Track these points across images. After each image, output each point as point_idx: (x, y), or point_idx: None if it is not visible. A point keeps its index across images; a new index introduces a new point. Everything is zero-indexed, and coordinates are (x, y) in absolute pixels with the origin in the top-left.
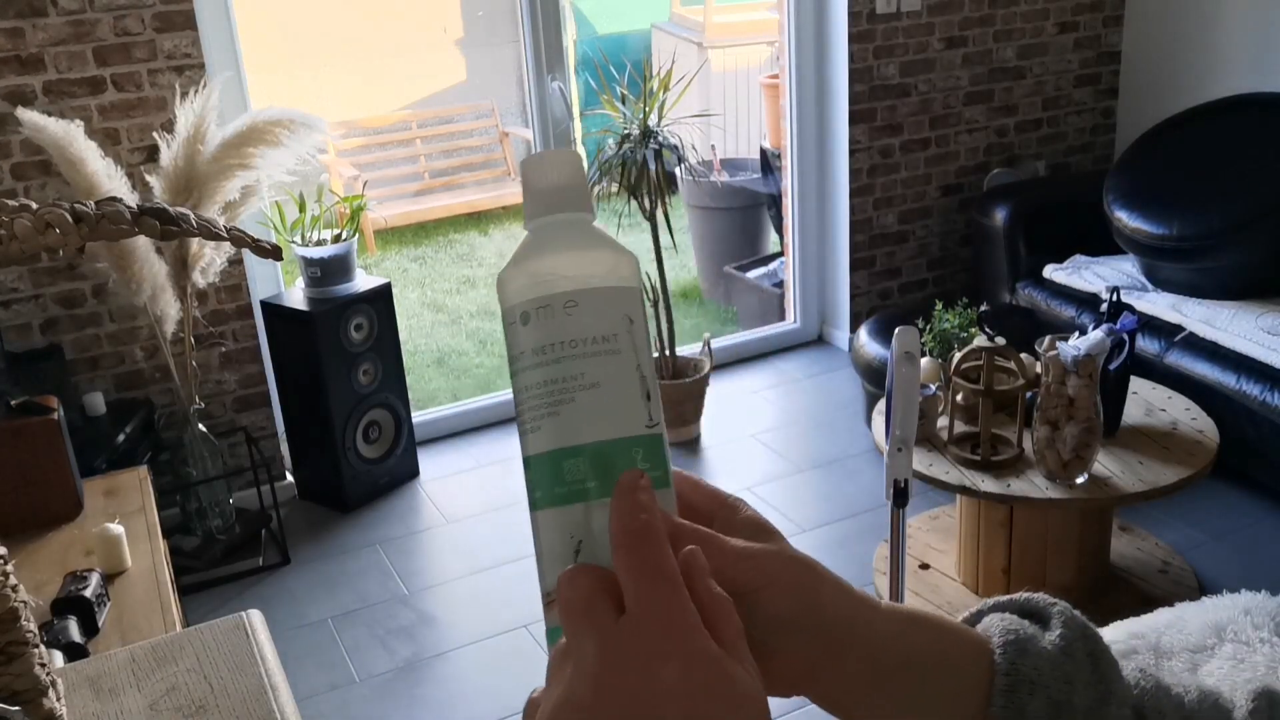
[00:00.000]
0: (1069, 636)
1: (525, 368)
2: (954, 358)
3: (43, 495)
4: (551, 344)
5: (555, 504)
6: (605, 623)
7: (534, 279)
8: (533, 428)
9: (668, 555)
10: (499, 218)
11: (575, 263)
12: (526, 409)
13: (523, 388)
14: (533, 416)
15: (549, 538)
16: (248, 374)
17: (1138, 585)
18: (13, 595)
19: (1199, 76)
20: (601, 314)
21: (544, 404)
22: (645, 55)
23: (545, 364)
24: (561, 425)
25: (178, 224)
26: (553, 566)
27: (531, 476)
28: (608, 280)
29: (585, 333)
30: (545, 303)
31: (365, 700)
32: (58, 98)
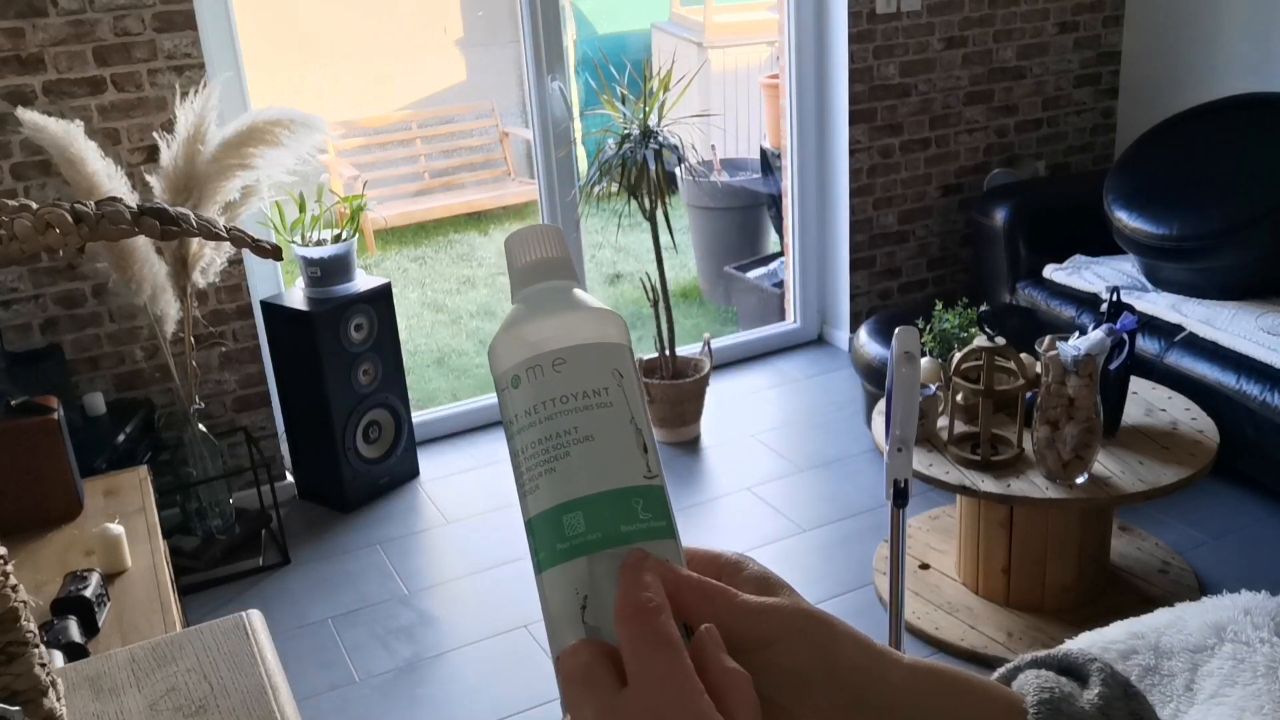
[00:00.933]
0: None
1: (520, 429)
2: (954, 358)
3: (43, 495)
4: (543, 402)
5: (558, 561)
6: (605, 693)
7: (522, 343)
8: (531, 488)
9: (670, 625)
10: (499, 218)
11: (561, 324)
12: (525, 471)
13: (519, 450)
14: (530, 477)
15: (555, 597)
16: (248, 374)
17: (1138, 585)
18: (13, 595)
19: (1199, 76)
20: (591, 369)
21: (540, 462)
22: (645, 55)
23: (538, 422)
24: (559, 481)
25: (178, 224)
26: (560, 627)
27: (534, 539)
28: (594, 337)
29: (575, 387)
30: (534, 363)
31: (365, 700)
32: (58, 98)
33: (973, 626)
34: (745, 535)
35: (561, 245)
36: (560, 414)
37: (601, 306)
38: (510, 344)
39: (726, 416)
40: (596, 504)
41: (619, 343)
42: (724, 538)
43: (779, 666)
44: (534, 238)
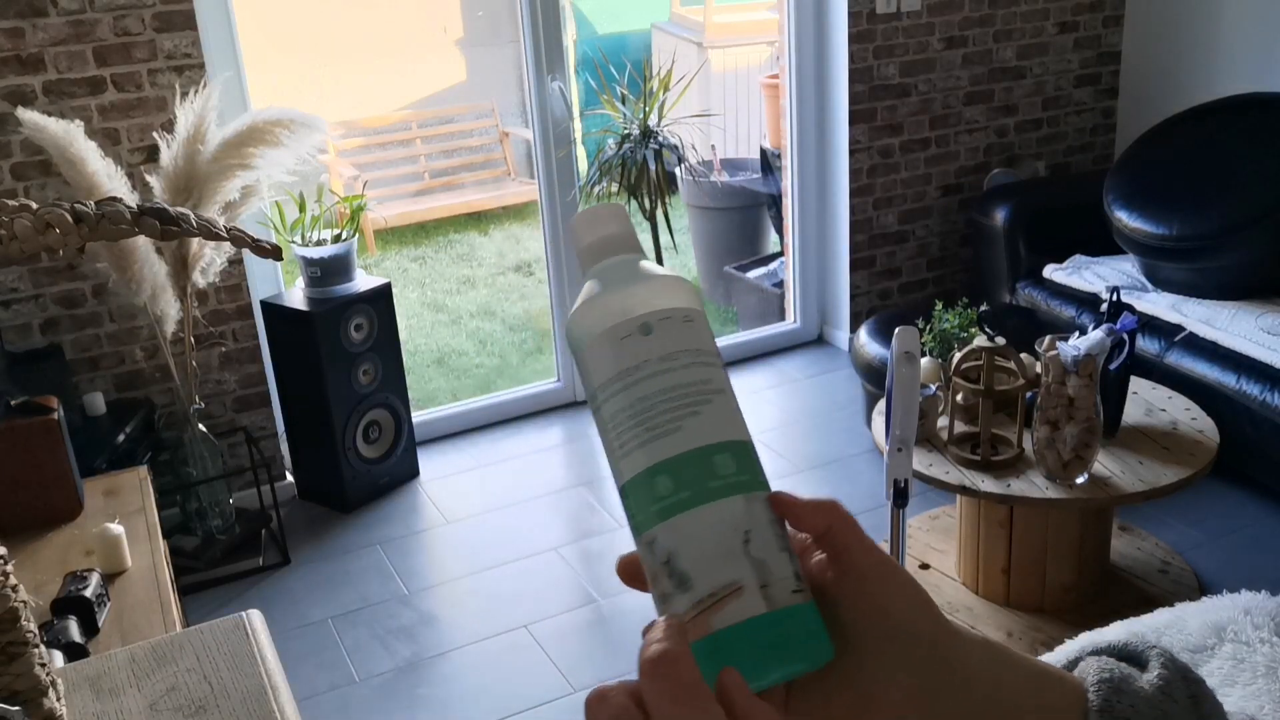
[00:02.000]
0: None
1: (646, 376)
2: (954, 358)
3: (43, 495)
4: (679, 351)
5: (709, 500)
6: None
7: (640, 299)
8: (666, 431)
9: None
10: (499, 218)
11: (672, 288)
12: (653, 415)
13: (643, 397)
14: (664, 421)
15: (709, 536)
16: (248, 374)
17: (1138, 585)
18: (13, 595)
19: (1199, 76)
20: (706, 331)
21: (679, 406)
22: (645, 55)
23: (674, 369)
24: (705, 424)
25: (178, 224)
26: (718, 562)
27: (667, 481)
28: (700, 304)
29: (703, 344)
30: (668, 315)
31: (365, 700)
32: (58, 98)
33: (973, 626)
34: None
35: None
36: (695, 365)
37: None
38: (625, 299)
39: None
40: (742, 449)
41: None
42: None
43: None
44: (610, 215)
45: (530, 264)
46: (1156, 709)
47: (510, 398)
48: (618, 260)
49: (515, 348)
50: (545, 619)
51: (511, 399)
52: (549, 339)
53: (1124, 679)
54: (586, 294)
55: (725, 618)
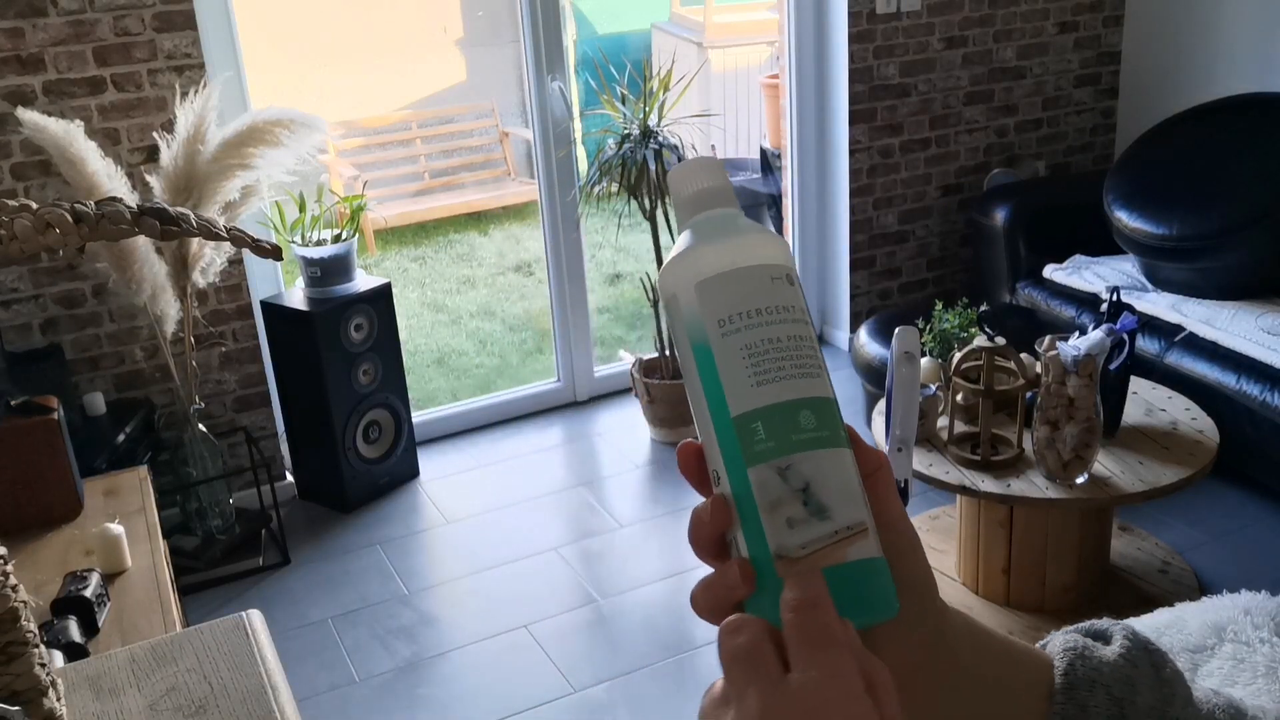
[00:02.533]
0: (1130, 648)
1: (798, 319)
2: (954, 358)
3: (43, 495)
4: (791, 305)
5: (837, 445)
6: (772, 675)
7: (778, 250)
8: (814, 372)
9: (841, 623)
10: (499, 218)
11: (778, 244)
12: (804, 355)
13: (797, 335)
14: (811, 363)
15: (841, 476)
16: (248, 374)
17: (1138, 585)
18: (13, 595)
19: (1199, 76)
20: (800, 290)
21: (805, 355)
22: (645, 55)
23: (797, 321)
24: (802, 379)
25: (178, 224)
26: (848, 502)
27: (815, 416)
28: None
29: (802, 303)
30: (784, 271)
31: (365, 700)
32: (58, 98)
33: None
34: None
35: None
36: (803, 321)
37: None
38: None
39: None
40: (825, 406)
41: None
42: None
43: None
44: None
45: (530, 264)
46: (1119, 671)
47: (510, 398)
48: (729, 213)
49: (515, 348)
50: (545, 619)
51: (511, 399)
52: (549, 339)
53: (1087, 648)
54: (702, 236)
55: (852, 553)
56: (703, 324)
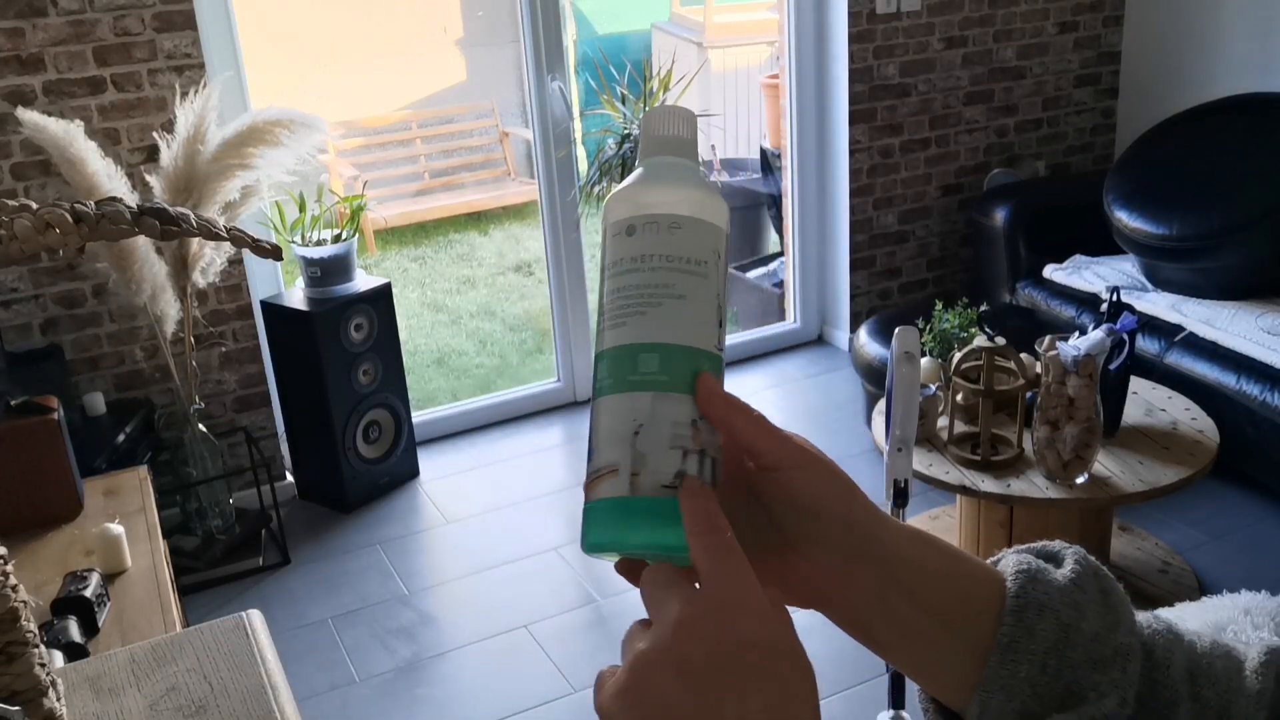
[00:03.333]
0: (1080, 572)
1: (621, 272)
2: (954, 358)
3: (43, 495)
4: (651, 254)
5: (624, 390)
6: (687, 588)
7: (643, 201)
8: (616, 324)
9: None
10: (499, 218)
11: (683, 196)
12: (614, 308)
13: (614, 290)
14: (619, 314)
15: (611, 421)
16: (248, 374)
17: (1138, 585)
18: (13, 595)
19: (1199, 76)
20: (698, 241)
21: (633, 304)
22: (645, 55)
23: (641, 270)
24: (646, 324)
25: (178, 224)
26: (609, 445)
27: (604, 367)
28: (705, 216)
29: (682, 252)
30: (653, 220)
31: (365, 700)
32: (58, 98)
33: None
34: None
35: (692, 128)
36: (662, 269)
37: (714, 189)
38: (632, 197)
39: None
40: (672, 352)
41: (722, 228)
42: None
43: (800, 491)
44: (670, 115)
45: (530, 264)
46: (1068, 596)
47: (510, 398)
48: (660, 161)
49: (515, 348)
50: (545, 619)
51: (511, 399)
52: (549, 339)
53: (1040, 570)
54: (626, 181)
55: (600, 490)
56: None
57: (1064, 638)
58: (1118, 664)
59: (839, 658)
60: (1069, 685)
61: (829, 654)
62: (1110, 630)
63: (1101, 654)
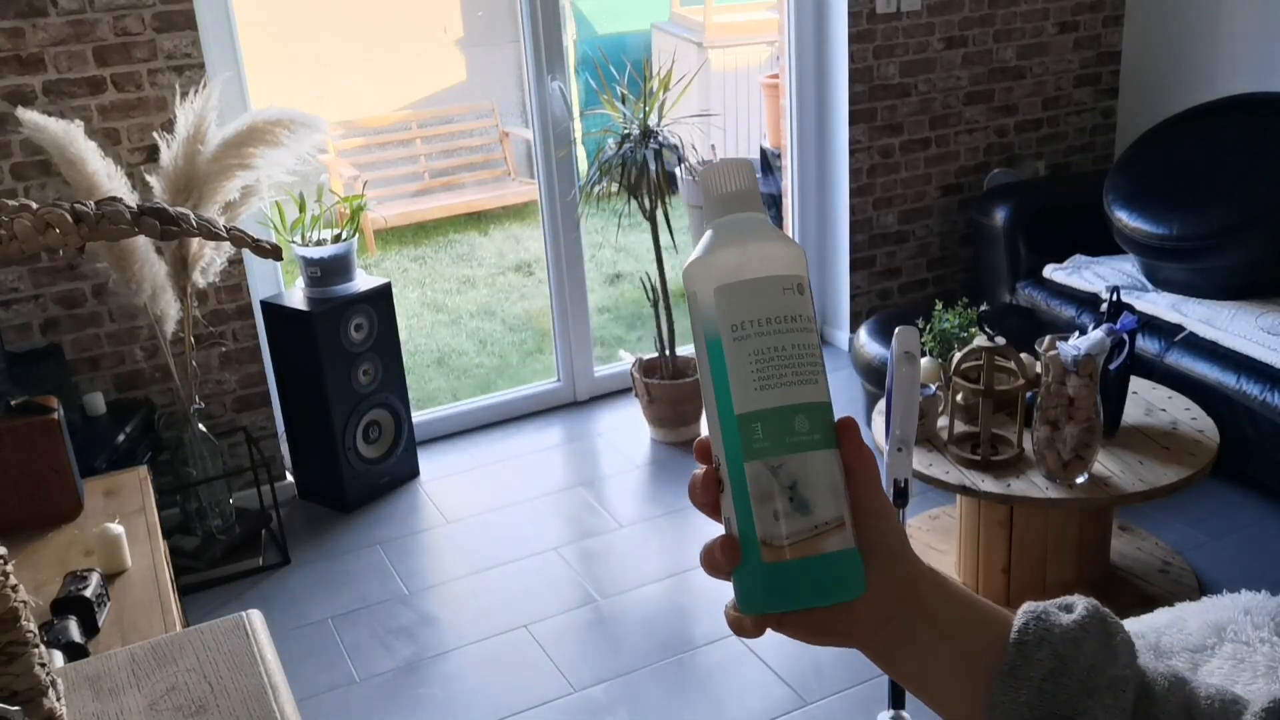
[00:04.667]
0: (1086, 617)
1: (802, 328)
2: (954, 358)
3: (43, 495)
4: (795, 315)
5: (787, 452)
6: None
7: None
8: (810, 379)
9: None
10: (499, 218)
11: (794, 254)
12: (804, 363)
13: (800, 344)
14: (810, 370)
15: (830, 471)
16: (248, 374)
17: (1138, 585)
18: (13, 595)
19: (1199, 76)
20: (809, 299)
21: (818, 362)
22: (645, 55)
23: (812, 330)
24: (798, 386)
25: (178, 224)
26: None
27: (761, 427)
28: (806, 272)
29: (810, 310)
30: (792, 282)
31: (365, 700)
32: (58, 98)
33: None
34: None
35: (756, 178)
36: (802, 330)
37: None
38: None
39: None
40: (819, 411)
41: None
42: None
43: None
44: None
45: (530, 264)
46: (1068, 634)
47: (510, 398)
48: (753, 217)
49: (515, 348)
50: (545, 619)
51: (511, 399)
52: (549, 339)
53: (1046, 612)
54: (725, 239)
55: (828, 545)
56: (718, 325)
57: (1060, 666)
58: (1111, 692)
59: (839, 658)
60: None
61: (829, 654)
62: (1107, 663)
63: (1096, 682)
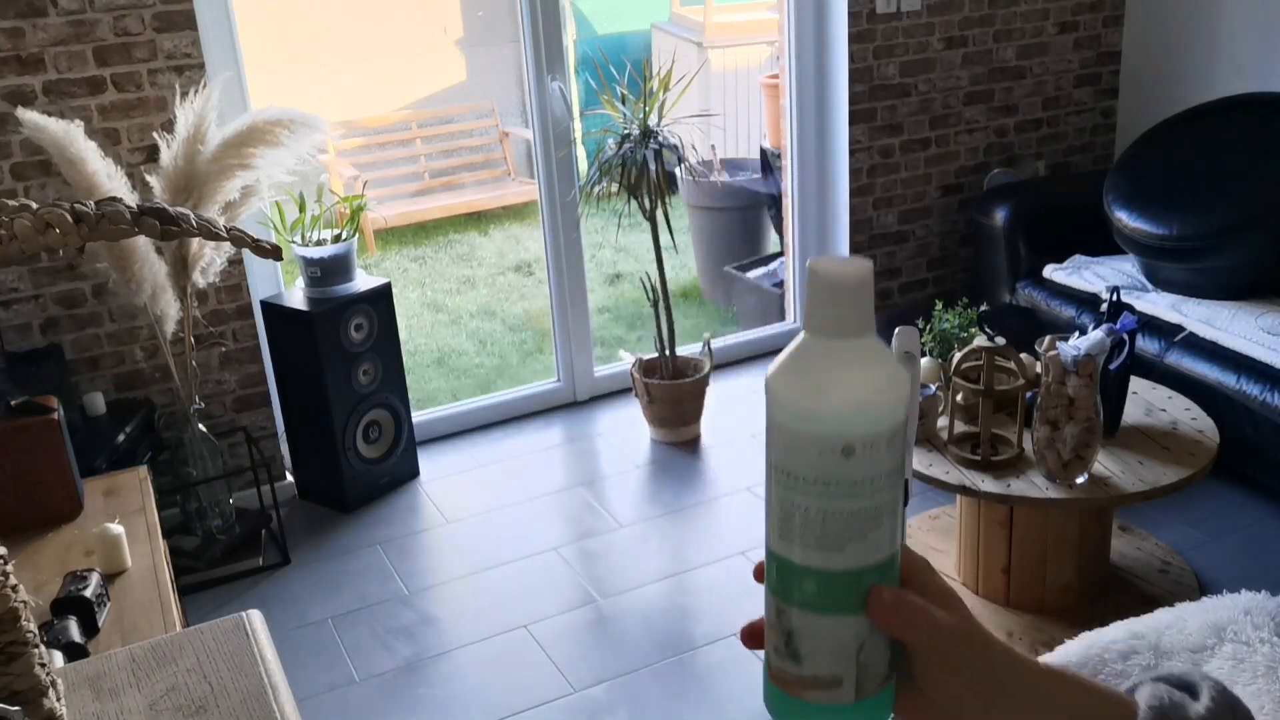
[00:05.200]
0: (1214, 710)
1: (836, 495)
2: (954, 358)
3: (43, 495)
4: (871, 476)
5: (850, 612)
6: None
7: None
8: (834, 547)
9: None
10: (499, 218)
11: (882, 396)
12: (830, 530)
13: (828, 510)
14: (836, 538)
15: (838, 636)
16: (248, 374)
17: (1138, 585)
18: (13, 595)
19: (1199, 76)
20: (899, 443)
21: (851, 529)
22: (645, 55)
23: (860, 496)
24: (866, 548)
25: (178, 224)
26: (833, 659)
27: (828, 585)
28: (900, 407)
29: (886, 465)
30: (872, 441)
31: (365, 700)
32: (58, 98)
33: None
34: (745, 535)
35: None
36: (881, 489)
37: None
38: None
39: (727, 416)
40: (888, 565)
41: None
42: (724, 538)
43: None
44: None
45: (530, 264)
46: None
47: (510, 398)
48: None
49: (515, 348)
50: (545, 619)
51: (511, 399)
52: (549, 339)
53: (1174, 705)
54: (803, 364)
55: (818, 697)
56: (769, 452)
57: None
58: None
59: None
60: None
61: None
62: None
63: None
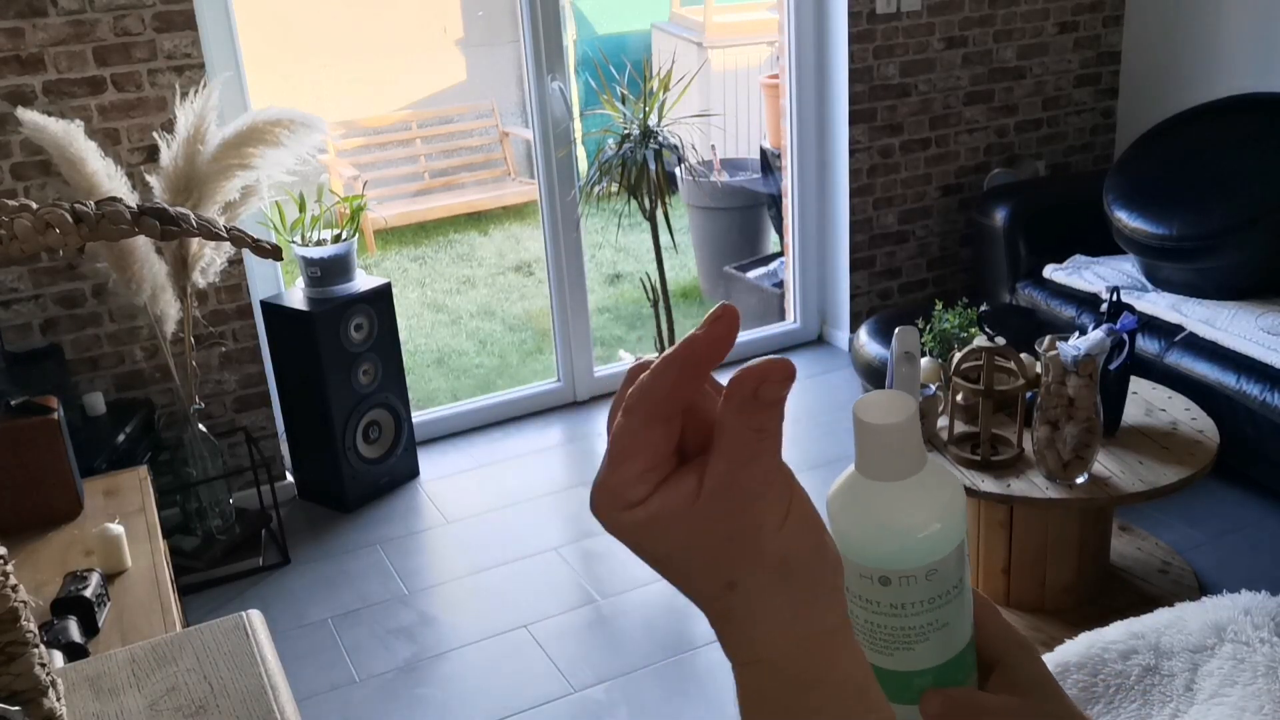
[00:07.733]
0: None
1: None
2: (954, 358)
3: (43, 495)
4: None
5: (907, 702)
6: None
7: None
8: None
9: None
10: (499, 218)
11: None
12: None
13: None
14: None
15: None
16: (248, 374)
17: (1138, 585)
18: (13, 595)
19: (1199, 76)
20: (957, 560)
21: (898, 641)
22: (645, 55)
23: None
24: (916, 656)
25: (178, 224)
26: None
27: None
28: (943, 544)
29: (940, 588)
30: (910, 575)
31: (365, 700)
32: (58, 98)
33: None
34: None
35: (917, 420)
36: (926, 611)
37: (957, 488)
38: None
39: None
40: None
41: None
42: None
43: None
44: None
45: (530, 264)
46: None
47: (510, 398)
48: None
49: (515, 348)
50: (545, 619)
51: (511, 399)
52: (549, 339)
53: None
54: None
55: None
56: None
57: None
58: None
59: None
60: None
61: None
62: None
63: None
